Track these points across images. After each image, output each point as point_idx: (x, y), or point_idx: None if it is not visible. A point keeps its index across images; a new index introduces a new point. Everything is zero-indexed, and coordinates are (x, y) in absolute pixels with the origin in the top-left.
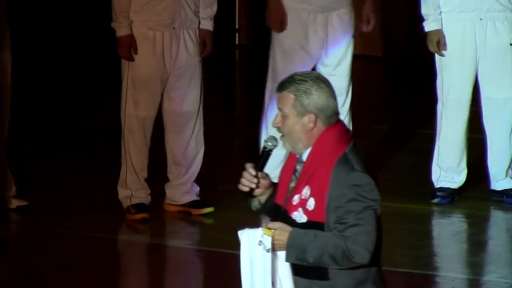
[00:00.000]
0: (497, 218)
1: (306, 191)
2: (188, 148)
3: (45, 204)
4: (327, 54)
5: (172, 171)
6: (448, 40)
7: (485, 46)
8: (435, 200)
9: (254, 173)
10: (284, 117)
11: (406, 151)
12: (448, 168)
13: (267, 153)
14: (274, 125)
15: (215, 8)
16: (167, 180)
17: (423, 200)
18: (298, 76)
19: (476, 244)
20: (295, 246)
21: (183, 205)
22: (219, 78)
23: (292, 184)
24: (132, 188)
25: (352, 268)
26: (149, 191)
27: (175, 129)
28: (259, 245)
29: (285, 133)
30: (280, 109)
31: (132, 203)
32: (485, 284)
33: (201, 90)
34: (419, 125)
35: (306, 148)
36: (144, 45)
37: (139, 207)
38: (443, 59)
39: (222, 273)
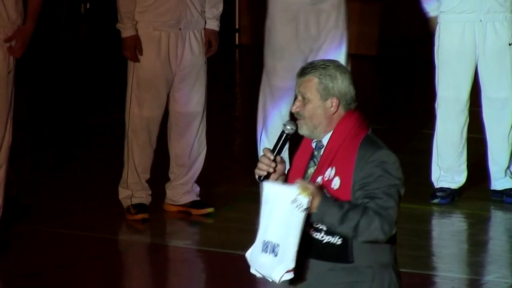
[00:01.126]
0: (497, 218)
1: (329, 172)
2: (192, 149)
3: (45, 204)
4: (318, 50)
5: (173, 171)
6: (446, 40)
7: (485, 46)
8: (435, 200)
9: (272, 157)
10: (305, 100)
11: (405, 151)
12: (448, 168)
13: (285, 137)
14: (293, 110)
15: (220, 8)
16: (167, 180)
17: (423, 200)
18: (320, 62)
19: (476, 244)
20: (325, 209)
21: (183, 205)
22: (219, 78)
23: (311, 170)
24: (132, 189)
25: (374, 250)
26: (149, 192)
27: (179, 130)
28: (293, 202)
29: (306, 117)
30: (301, 93)
31: (132, 203)
32: (485, 284)
33: (206, 91)
34: (418, 125)
35: (325, 132)
36: (149, 46)
37: (139, 207)
38: (441, 59)
39: (222, 273)
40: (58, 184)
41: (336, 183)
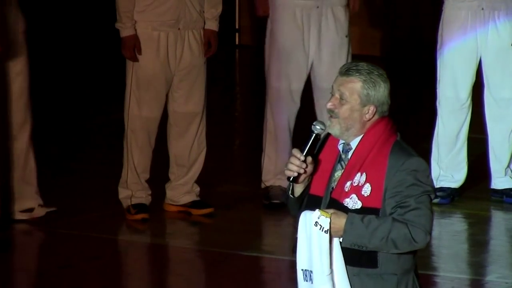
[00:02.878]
0: (497, 218)
1: (359, 177)
2: (191, 149)
3: (45, 204)
4: (321, 53)
5: (173, 171)
6: (449, 39)
7: (487, 46)
8: (435, 200)
9: (302, 158)
10: (343, 101)
11: None
12: (447, 167)
13: (315, 138)
14: (328, 106)
15: (220, 8)
16: (167, 180)
17: None
18: (365, 66)
19: (476, 244)
20: (353, 231)
21: (183, 205)
22: (219, 78)
23: (338, 173)
24: (132, 189)
25: (400, 257)
26: (149, 192)
27: (178, 129)
28: (315, 225)
29: (339, 117)
30: (340, 92)
31: (132, 203)
32: (485, 284)
33: (205, 91)
34: (420, 124)
35: (355, 136)
36: (148, 46)
37: (139, 207)
38: (443, 57)
39: (222, 273)
40: (58, 184)
41: (367, 190)
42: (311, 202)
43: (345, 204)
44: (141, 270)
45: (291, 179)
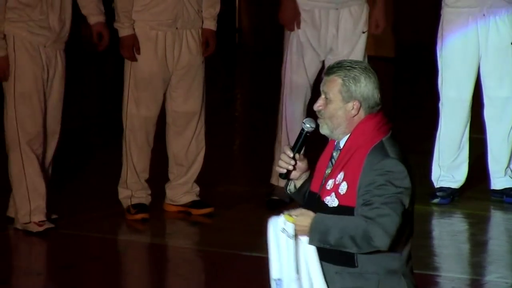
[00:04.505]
0: (497, 218)
1: (340, 176)
2: (190, 148)
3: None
4: (335, 51)
5: (173, 171)
6: (449, 40)
7: (487, 45)
8: (435, 200)
9: (291, 154)
10: (328, 100)
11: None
12: (448, 168)
13: (305, 135)
14: (316, 108)
15: (218, 8)
16: (167, 180)
17: (423, 200)
18: (347, 63)
19: (476, 244)
20: (318, 229)
21: (183, 205)
22: (219, 78)
23: (328, 171)
24: (132, 188)
25: (381, 257)
26: (149, 192)
27: (177, 129)
28: (282, 232)
29: (326, 117)
30: (324, 92)
31: (132, 203)
32: (485, 284)
33: (203, 90)
34: (421, 125)
35: (344, 134)
36: (146, 45)
37: (139, 207)
38: (445, 58)
39: (222, 273)
40: (57, 184)
41: (343, 188)
42: (310, 198)
43: (326, 202)
44: (140, 270)
45: (282, 176)
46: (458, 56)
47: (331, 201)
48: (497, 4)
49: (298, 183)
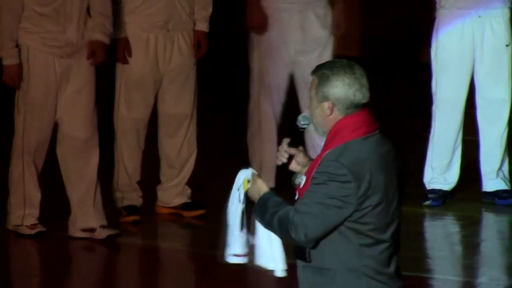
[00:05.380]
0: (489, 220)
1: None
2: (181, 150)
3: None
4: (304, 52)
5: (164, 173)
6: (445, 41)
7: (482, 47)
8: (427, 202)
9: (286, 148)
10: (310, 100)
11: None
12: (440, 170)
13: (300, 130)
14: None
15: (210, 9)
16: (159, 182)
17: (415, 202)
18: (329, 62)
19: (469, 246)
20: (259, 205)
21: (174, 207)
22: (213, 79)
23: None
24: (124, 190)
25: (336, 252)
26: (141, 194)
27: (168, 131)
28: (237, 191)
29: (311, 116)
30: (309, 92)
31: (123, 205)
32: (477, 286)
33: (195, 92)
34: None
35: (325, 134)
36: (137, 47)
37: (131, 209)
38: (440, 60)
39: (213, 275)
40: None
41: (302, 182)
42: None
43: (296, 196)
44: (132, 272)
45: (281, 167)
46: (453, 58)
47: (297, 195)
48: (493, 5)
49: (300, 177)
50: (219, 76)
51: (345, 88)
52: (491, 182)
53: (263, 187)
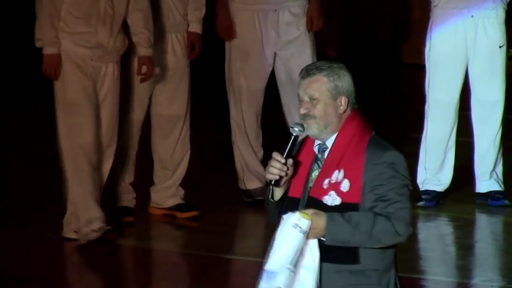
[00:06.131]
0: (482, 221)
1: (337, 174)
2: (175, 151)
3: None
4: (281, 52)
5: (158, 174)
6: (438, 42)
7: (475, 48)
8: (420, 203)
9: (283, 160)
10: (314, 101)
11: None
12: (435, 170)
13: (294, 139)
14: (302, 112)
15: (203, 11)
16: (152, 183)
17: None
18: (323, 62)
19: (462, 247)
20: (335, 228)
21: (168, 209)
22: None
23: (315, 173)
24: (117, 192)
25: (381, 252)
26: (134, 195)
27: (162, 132)
28: (294, 227)
29: (317, 117)
30: (308, 94)
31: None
32: (471, 287)
33: (189, 94)
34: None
35: (332, 133)
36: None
37: (124, 211)
38: (433, 60)
39: (207, 276)
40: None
41: (345, 185)
42: (289, 204)
43: (324, 202)
44: (126, 273)
45: (273, 182)
46: (446, 58)
47: (332, 200)
48: (486, 6)
49: (280, 191)
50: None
51: (351, 81)
52: (485, 183)
53: (320, 212)
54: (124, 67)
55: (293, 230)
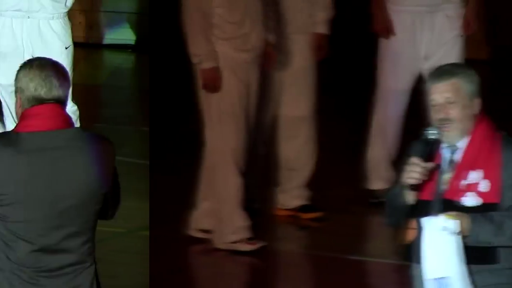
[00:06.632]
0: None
1: (474, 175)
2: (300, 152)
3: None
4: (432, 55)
5: (284, 175)
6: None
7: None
8: None
9: (425, 165)
10: (452, 104)
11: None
12: None
13: (433, 143)
14: (442, 116)
15: (330, 12)
16: (276, 184)
17: None
18: (451, 65)
19: None
20: (479, 229)
21: (292, 209)
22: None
23: (447, 175)
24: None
25: None
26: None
27: (288, 133)
28: (444, 230)
29: (455, 120)
30: (445, 97)
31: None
32: None
33: (314, 94)
34: None
35: (464, 135)
36: None
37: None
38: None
39: (331, 278)
40: None
41: (485, 186)
42: (421, 207)
43: (463, 203)
44: (248, 275)
45: (412, 188)
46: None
47: (470, 200)
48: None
49: (414, 195)
50: (345, 78)
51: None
52: None
53: (463, 213)
54: None
55: (443, 233)
